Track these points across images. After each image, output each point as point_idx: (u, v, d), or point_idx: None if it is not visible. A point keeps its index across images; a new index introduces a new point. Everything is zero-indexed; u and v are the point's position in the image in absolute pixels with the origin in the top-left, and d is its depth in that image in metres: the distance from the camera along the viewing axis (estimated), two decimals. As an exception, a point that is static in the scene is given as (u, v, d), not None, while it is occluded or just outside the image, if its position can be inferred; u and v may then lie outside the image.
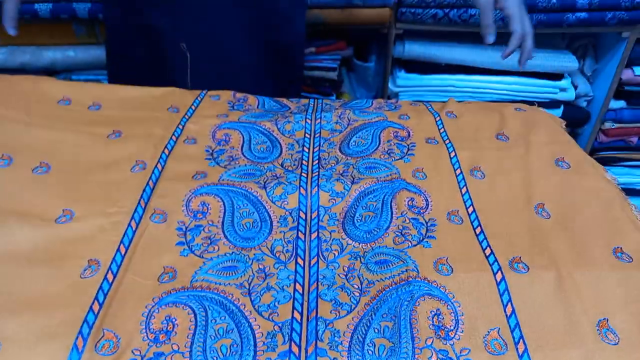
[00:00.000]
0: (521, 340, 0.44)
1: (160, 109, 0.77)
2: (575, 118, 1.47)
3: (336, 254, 0.54)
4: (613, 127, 1.49)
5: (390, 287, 0.49)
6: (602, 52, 1.48)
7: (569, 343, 0.44)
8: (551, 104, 1.41)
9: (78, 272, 0.49)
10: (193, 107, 0.79)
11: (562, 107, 1.42)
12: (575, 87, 1.44)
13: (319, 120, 0.78)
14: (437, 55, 1.33)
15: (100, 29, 1.31)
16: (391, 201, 0.60)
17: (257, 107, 0.83)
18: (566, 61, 1.37)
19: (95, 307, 0.45)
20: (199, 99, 0.82)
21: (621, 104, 1.47)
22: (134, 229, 0.54)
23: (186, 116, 0.76)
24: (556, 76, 1.39)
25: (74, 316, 0.44)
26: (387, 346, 0.44)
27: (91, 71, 1.37)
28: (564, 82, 1.40)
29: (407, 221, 0.57)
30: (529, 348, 0.43)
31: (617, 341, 0.44)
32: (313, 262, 0.53)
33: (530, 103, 0.86)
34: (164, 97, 0.80)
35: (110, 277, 0.48)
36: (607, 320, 0.46)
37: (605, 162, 1.57)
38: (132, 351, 0.43)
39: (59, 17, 1.24)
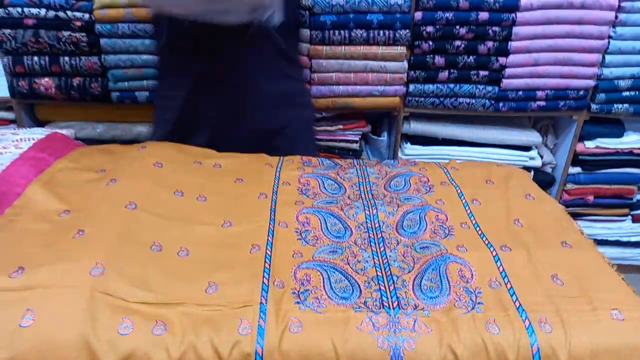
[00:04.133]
0: (509, 282, 0.78)
1: (261, 164, 1.13)
2: (543, 181, 1.87)
3: (395, 245, 0.88)
4: (573, 188, 1.90)
5: (431, 259, 0.83)
6: (560, 130, 1.93)
7: (535, 285, 0.78)
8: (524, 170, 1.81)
9: (247, 251, 0.82)
10: (279, 165, 1.16)
11: (532, 172, 1.83)
12: (541, 157, 1.86)
13: (366, 173, 1.15)
14: (435, 131, 1.75)
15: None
16: (425, 216, 0.95)
17: (319, 164, 1.20)
18: (532, 137, 1.80)
19: (267, 265, 0.79)
20: (280, 161, 1.18)
21: (578, 169, 1.89)
22: (272, 229, 0.88)
23: (277, 169, 1.13)
24: (526, 148, 1.82)
25: (255, 271, 0.77)
26: (434, 286, 0.78)
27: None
28: (532, 153, 1.82)
29: (437, 227, 0.92)
30: (513, 286, 0.77)
31: (562, 284, 0.79)
32: (381, 249, 0.87)
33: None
34: (259, 159, 1.17)
35: (268, 252, 0.82)
36: (557, 274, 0.81)
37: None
38: (291, 288, 0.76)
39: (152, 102, 1.64)
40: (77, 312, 0.66)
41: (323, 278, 0.79)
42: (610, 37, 1.67)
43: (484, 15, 1.57)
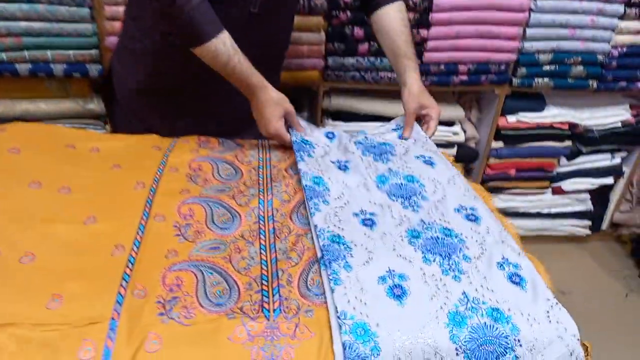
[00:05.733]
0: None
1: (147, 147, 1.00)
2: (466, 156, 1.85)
3: (286, 234, 0.79)
4: (495, 162, 1.89)
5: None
6: (484, 104, 1.91)
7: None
8: (447, 145, 1.78)
9: (109, 253, 0.70)
10: (170, 147, 1.03)
11: (455, 146, 1.80)
12: (465, 132, 1.83)
13: (268, 155, 1.05)
14: (357, 106, 1.67)
15: (71, 85, 1.52)
16: (323, 203, 0.87)
17: (218, 145, 1.08)
18: (455, 112, 1.76)
19: (128, 270, 0.67)
20: (173, 142, 1.05)
21: (500, 144, 1.88)
22: (144, 225, 0.76)
23: (167, 152, 1.00)
24: (449, 123, 1.78)
25: (114, 277, 0.66)
26: (321, 281, 0.69)
27: (59, 120, 1.55)
28: (455, 128, 1.78)
29: (334, 215, 0.84)
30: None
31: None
32: (271, 242, 0.78)
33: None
34: (148, 140, 1.04)
35: (133, 254, 0.70)
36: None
37: (493, 190, 1.96)
38: (156, 296, 0.65)
39: (36, 75, 1.44)
40: None
41: (197, 281, 0.68)
42: (531, 9, 1.64)
43: (402, -17, 1.48)
